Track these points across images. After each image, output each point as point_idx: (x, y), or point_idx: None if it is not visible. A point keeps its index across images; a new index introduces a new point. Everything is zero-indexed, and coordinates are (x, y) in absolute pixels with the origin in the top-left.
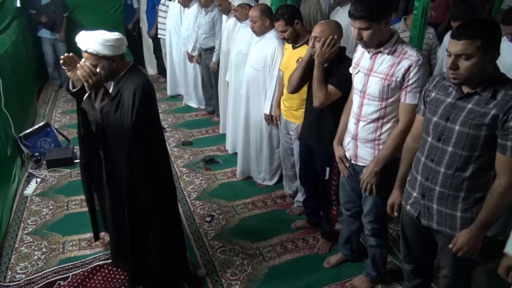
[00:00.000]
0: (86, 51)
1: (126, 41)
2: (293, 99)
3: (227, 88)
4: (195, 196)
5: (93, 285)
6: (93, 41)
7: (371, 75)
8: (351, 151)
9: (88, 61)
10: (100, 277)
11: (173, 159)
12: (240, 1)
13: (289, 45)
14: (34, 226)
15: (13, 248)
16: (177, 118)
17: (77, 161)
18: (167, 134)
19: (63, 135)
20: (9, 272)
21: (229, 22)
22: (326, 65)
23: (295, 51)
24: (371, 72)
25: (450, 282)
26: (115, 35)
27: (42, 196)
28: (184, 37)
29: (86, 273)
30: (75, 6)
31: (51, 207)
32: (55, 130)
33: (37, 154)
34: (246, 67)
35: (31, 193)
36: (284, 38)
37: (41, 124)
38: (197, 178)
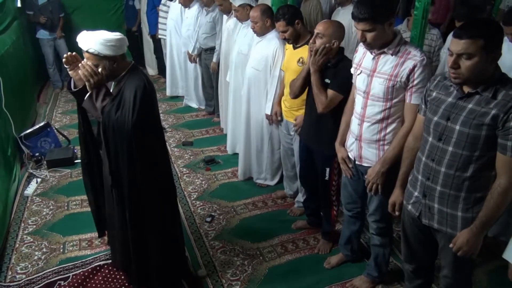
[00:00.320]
0: (87, 51)
1: (127, 41)
2: (293, 100)
3: (227, 88)
4: (195, 196)
5: (94, 285)
6: (94, 41)
7: (375, 75)
8: (354, 151)
9: (89, 61)
10: (100, 277)
11: (173, 159)
12: (241, 2)
13: (289, 45)
14: (34, 226)
15: (13, 248)
16: (177, 118)
17: (77, 161)
18: (168, 134)
19: (63, 135)
20: (10, 272)
21: (230, 23)
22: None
23: (295, 51)
24: (375, 73)
25: (450, 283)
26: (116, 35)
27: (42, 196)
28: (184, 37)
29: (86, 273)
30: (76, 6)
31: (51, 207)
32: (55, 130)
33: (37, 154)
34: (247, 68)
35: (32, 193)
36: (285, 39)
37: (42, 124)
38: (198, 178)
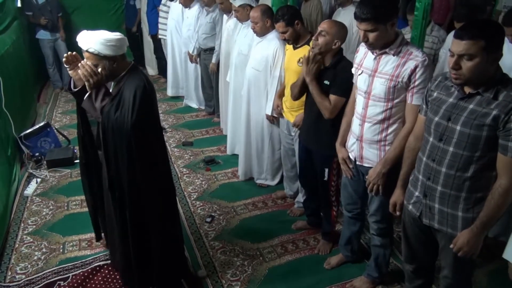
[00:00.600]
0: (87, 51)
1: (128, 42)
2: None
3: (227, 89)
4: (195, 196)
5: (93, 285)
6: (95, 41)
7: (376, 76)
8: (355, 152)
9: (89, 61)
10: (100, 278)
11: (173, 159)
12: (241, 2)
13: (290, 45)
14: (34, 226)
15: (13, 248)
16: (177, 119)
17: (77, 161)
18: (168, 134)
19: (63, 135)
20: (9, 272)
21: (230, 23)
22: (322, 67)
23: (296, 51)
24: (376, 73)
25: (450, 283)
26: (117, 35)
27: (42, 196)
28: (185, 37)
29: (86, 274)
30: (76, 6)
31: (51, 207)
32: (55, 130)
33: (37, 154)
34: (247, 68)
35: (31, 193)
36: (285, 39)
37: (42, 124)
38: (198, 178)
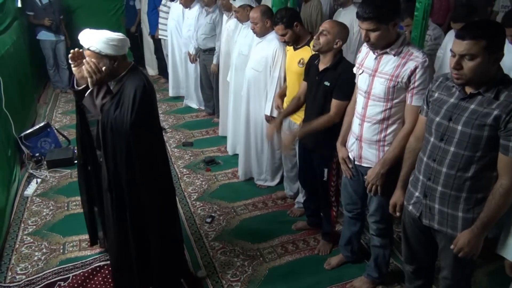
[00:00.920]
0: (88, 49)
1: (129, 43)
2: None
3: (227, 89)
4: (195, 197)
5: (94, 286)
6: (97, 40)
7: (376, 75)
8: (355, 151)
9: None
10: (100, 278)
11: (173, 160)
12: (241, 2)
13: (290, 46)
14: (34, 226)
15: (13, 249)
16: (177, 119)
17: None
18: (168, 135)
19: (63, 136)
20: (9, 273)
21: (230, 23)
22: (324, 67)
23: (296, 52)
24: (376, 73)
25: (450, 284)
26: (119, 35)
27: (42, 197)
28: (185, 37)
29: (86, 274)
30: (76, 6)
31: (51, 207)
32: (55, 131)
33: (37, 154)
34: (246, 68)
35: (32, 193)
36: (285, 41)
37: (42, 124)
38: (198, 179)
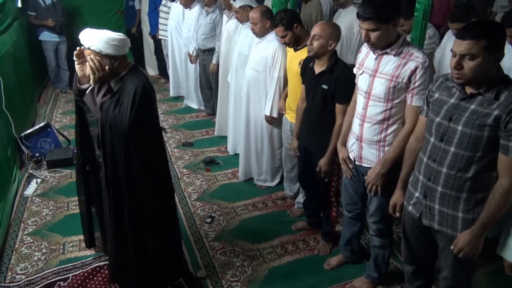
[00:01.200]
0: (89, 48)
1: (130, 43)
2: (296, 102)
3: (224, 90)
4: (195, 197)
5: (93, 286)
6: (97, 39)
7: (376, 76)
8: (355, 152)
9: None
10: (100, 278)
11: (173, 160)
12: (241, 3)
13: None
14: (34, 226)
15: (13, 249)
16: (177, 119)
17: None
18: (168, 135)
19: (63, 136)
20: (9, 273)
21: (230, 24)
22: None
23: (296, 53)
24: (376, 73)
25: (450, 284)
26: (120, 35)
27: (42, 197)
28: (185, 38)
29: (86, 274)
30: (76, 7)
31: (51, 207)
32: (55, 131)
33: (37, 154)
34: (246, 69)
35: (32, 193)
36: (285, 43)
37: (42, 124)
38: (198, 179)
